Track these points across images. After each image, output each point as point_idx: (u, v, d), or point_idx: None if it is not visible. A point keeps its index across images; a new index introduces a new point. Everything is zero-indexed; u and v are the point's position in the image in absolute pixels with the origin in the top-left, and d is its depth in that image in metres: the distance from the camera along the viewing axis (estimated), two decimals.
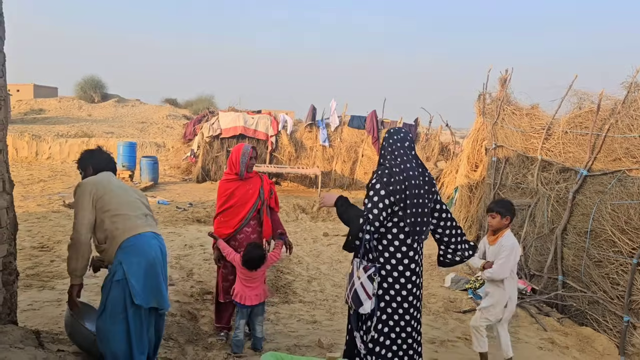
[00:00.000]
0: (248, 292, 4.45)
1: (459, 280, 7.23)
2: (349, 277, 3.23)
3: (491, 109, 8.44)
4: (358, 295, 3.09)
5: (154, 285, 3.33)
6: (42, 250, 6.90)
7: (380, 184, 3.13)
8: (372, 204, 3.10)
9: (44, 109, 33.72)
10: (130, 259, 3.24)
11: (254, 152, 4.71)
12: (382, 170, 3.20)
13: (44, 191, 12.72)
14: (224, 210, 4.68)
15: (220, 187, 4.77)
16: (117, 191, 3.43)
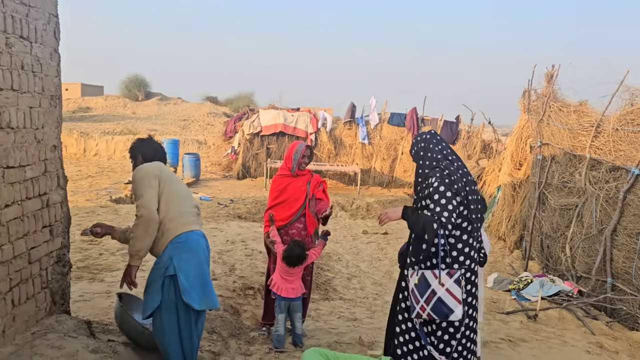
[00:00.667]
0: (285, 285, 4.51)
1: (501, 280, 7.08)
2: (418, 289, 3.04)
3: (537, 106, 8.22)
4: (445, 303, 2.96)
5: (201, 283, 3.39)
6: (91, 244, 7.15)
7: (444, 186, 3.01)
8: (442, 207, 2.98)
9: (91, 107, 34.88)
10: (180, 255, 3.31)
11: (307, 151, 4.78)
12: (440, 172, 3.08)
13: (91, 186, 13.18)
14: (275, 204, 4.75)
15: (273, 182, 4.87)
16: (175, 182, 3.46)
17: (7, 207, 3.07)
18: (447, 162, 3.19)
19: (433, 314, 3.01)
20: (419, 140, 3.35)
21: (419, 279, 3.06)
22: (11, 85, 3.10)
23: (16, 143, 3.17)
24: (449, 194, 3.00)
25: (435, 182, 3.05)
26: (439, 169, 3.13)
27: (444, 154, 3.23)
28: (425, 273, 3.05)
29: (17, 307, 3.21)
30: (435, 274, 3.01)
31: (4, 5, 3.01)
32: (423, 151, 3.26)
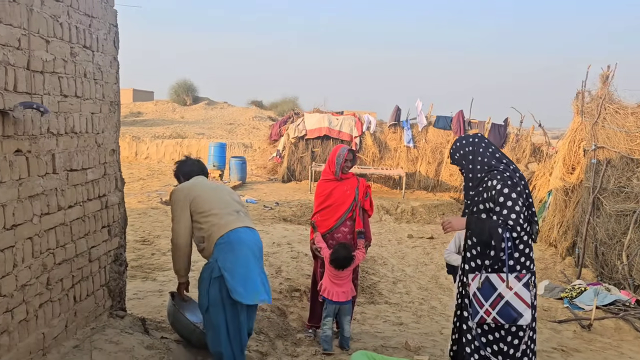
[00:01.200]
0: (335, 289, 4.52)
1: (553, 288, 6.87)
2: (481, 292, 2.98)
3: (591, 108, 7.95)
4: (513, 307, 2.90)
5: (247, 279, 3.44)
6: (143, 244, 7.41)
7: (507, 187, 2.94)
8: (509, 210, 2.91)
9: (142, 112, 36.07)
10: (224, 256, 3.40)
11: (349, 155, 4.78)
12: (500, 175, 3.01)
13: (143, 189, 13.63)
14: (321, 209, 4.79)
15: (318, 187, 4.91)
16: (208, 192, 3.61)
17: (70, 208, 3.24)
18: (502, 165, 3.11)
19: (500, 318, 2.94)
20: (464, 144, 3.23)
21: (482, 282, 2.99)
22: (75, 92, 3.27)
23: (79, 147, 3.34)
24: (514, 196, 2.93)
25: (497, 184, 2.97)
26: (497, 171, 3.05)
27: (496, 157, 3.16)
28: (490, 276, 2.98)
29: (79, 303, 3.38)
30: (502, 277, 2.94)
31: (69, 16, 3.18)
32: (472, 155, 3.16)
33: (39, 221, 2.89)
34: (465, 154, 3.19)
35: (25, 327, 2.79)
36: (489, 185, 3.00)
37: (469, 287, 3.10)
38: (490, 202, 3.00)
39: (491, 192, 2.99)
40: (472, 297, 3.03)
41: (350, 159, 4.77)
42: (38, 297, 2.90)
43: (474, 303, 3.03)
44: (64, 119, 3.15)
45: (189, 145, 22.11)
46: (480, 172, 3.12)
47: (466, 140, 3.25)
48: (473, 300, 3.03)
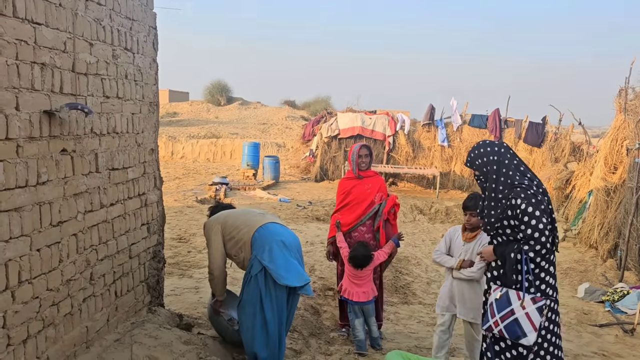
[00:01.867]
0: (355, 289, 4.51)
1: (594, 291, 6.68)
2: (497, 304, 3.03)
3: (634, 105, 7.69)
4: (520, 325, 2.93)
5: (288, 263, 3.54)
6: (180, 242, 7.56)
7: (532, 207, 2.90)
8: (532, 229, 2.89)
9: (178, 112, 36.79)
10: (262, 249, 3.52)
11: (363, 150, 4.76)
12: (524, 192, 2.95)
13: (179, 188, 13.90)
14: (342, 207, 4.81)
15: (339, 185, 4.94)
16: (235, 212, 3.91)
17: (112, 206, 3.34)
18: (526, 179, 3.04)
19: (505, 332, 3.00)
20: (489, 152, 3.09)
21: (501, 295, 3.04)
22: (117, 93, 3.37)
23: (120, 147, 3.44)
24: (538, 214, 2.90)
25: (522, 203, 2.92)
26: (521, 188, 2.98)
27: (521, 170, 3.07)
28: (509, 292, 3.02)
29: (120, 298, 3.48)
30: (520, 295, 2.97)
31: (112, 19, 3.28)
32: (497, 165, 3.05)
33: (83, 218, 2.99)
34: (489, 163, 3.08)
35: (70, 321, 2.89)
36: (514, 204, 2.96)
37: (489, 295, 3.15)
38: (515, 219, 2.98)
39: (516, 211, 2.95)
40: (489, 306, 3.09)
41: (365, 154, 4.75)
42: (82, 291, 3.00)
43: (487, 311, 3.10)
44: (106, 120, 3.25)
45: (223, 144, 22.43)
46: (504, 187, 3.03)
47: (491, 147, 3.12)
48: (488, 309, 3.10)
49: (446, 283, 4.18)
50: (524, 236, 2.93)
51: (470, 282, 3.98)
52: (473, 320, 4.00)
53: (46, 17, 2.59)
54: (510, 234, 3.04)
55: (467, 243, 4.01)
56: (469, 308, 3.99)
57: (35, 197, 2.54)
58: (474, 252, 3.94)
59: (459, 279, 4.00)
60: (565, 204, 11.65)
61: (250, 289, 3.51)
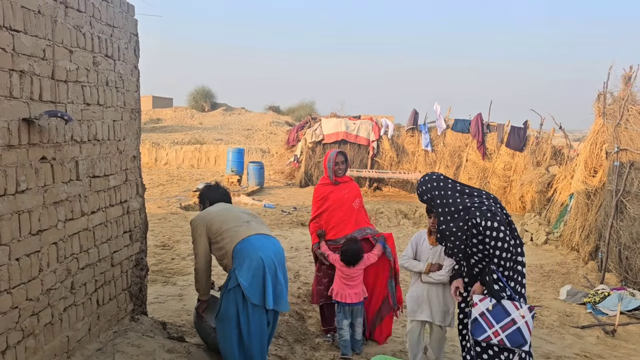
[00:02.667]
0: (348, 291, 4.51)
1: (575, 293, 6.76)
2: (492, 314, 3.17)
3: (613, 110, 7.82)
4: (522, 334, 3.12)
5: (261, 285, 3.46)
6: (163, 249, 7.50)
7: (490, 221, 3.13)
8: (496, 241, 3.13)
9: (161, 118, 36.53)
10: (240, 264, 3.45)
11: (339, 157, 4.78)
12: (479, 211, 3.17)
13: (163, 194, 13.79)
14: (320, 213, 4.80)
15: (315, 191, 4.91)
16: (221, 213, 3.74)
17: (93, 214, 3.31)
18: (476, 198, 3.28)
19: (507, 341, 3.12)
20: (431, 187, 3.39)
21: (493, 305, 3.16)
22: (97, 100, 3.34)
23: (101, 154, 3.41)
24: (496, 225, 3.12)
25: (482, 221, 3.15)
26: (475, 207, 3.20)
27: (466, 192, 3.34)
28: (504, 302, 3.16)
29: (101, 306, 3.44)
30: (517, 305, 3.15)
31: (92, 26, 3.25)
32: (442, 195, 3.33)
33: (64, 226, 2.96)
34: (435, 195, 3.36)
35: (51, 330, 2.85)
36: (475, 223, 3.18)
37: (473, 306, 3.23)
38: (480, 236, 3.20)
39: (478, 229, 3.18)
40: (480, 316, 3.18)
41: (341, 161, 4.77)
42: (63, 300, 2.97)
43: (480, 322, 3.18)
44: (87, 127, 3.22)
45: (208, 150, 22.32)
46: (458, 212, 3.27)
47: (432, 180, 3.41)
48: (480, 319, 3.18)
49: (413, 288, 4.16)
50: (491, 248, 3.14)
51: (439, 286, 4.01)
52: (443, 323, 4.05)
53: (25, 24, 2.57)
54: (482, 250, 3.22)
55: (434, 246, 4.03)
56: (438, 311, 4.02)
57: (14, 206, 2.51)
58: (441, 254, 3.96)
59: (429, 283, 4.01)
60: (547, 207, 11.80)
61: (228, 302, 3.47)
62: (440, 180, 3.39)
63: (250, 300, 3.40)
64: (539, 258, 8.92)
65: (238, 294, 3.43)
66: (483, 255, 3.24)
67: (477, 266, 3.31)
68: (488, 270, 3.19)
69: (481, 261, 3.27)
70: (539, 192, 12.73)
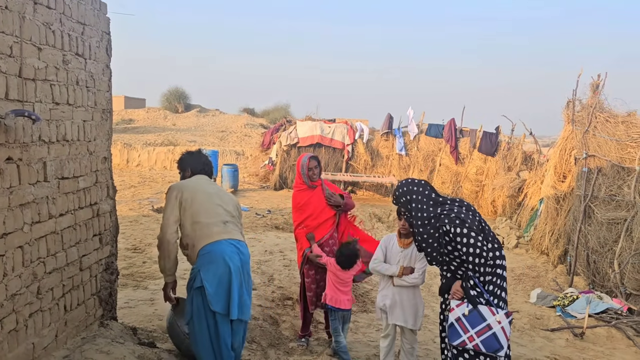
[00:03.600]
0: (341, 296, 4.45)
1: (545, 296, 6.89)
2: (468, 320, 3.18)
3: (581, 117, 8.02)
4: (498, 339, 3.12)
5: (226, 293, 3.40)
6: (135, 252, 7.35)
7: (460, 227, 3.16)
8: (467, 247, 3.16)
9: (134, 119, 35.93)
10: (207, 266, 3.38)
11: (312, 162, 4.76)
12: (448, 218, 3.20)
13: (134, 196, 13.54)
14: (304, 219, 4.78)
15: (293, 199, 4.88)
16: (201, 196, 3.54)
17: (61, 216, 3.20)
18: (447, 206, 3.32)
19: (482, 346, 3.13)
20: (408, 190, 3.42)
21: (469, 310, 3.17)
22: (67, 100, 3.25)
23: (71, 155, 3.31)
24: (466, 231, 3.15)
25: (451, 228, 3.18)
26: (444, 215, 3.24)
27: (440, 200, 3.38)
28: (480, 307, 3.17)
29: (69, 312, 3.33)
30: (493, 310, 3.16)
31: (62, 24, 3.16)
32: (417, 200, 3.36)
33: (30, 230, 2.86)
34: (411, 199, 3.39)
35: (15, 337, 2.75)
36: (445, 230, 3.22)
37: (450, 311, 3.26)
38: (453, 243, 3.23)
39: (449, 236, 3.21)
40: (456, 321, 3.21)
41: (314, 166, 4.75)
42: (28, 306, 2.86)
43: (456, 327, 3.21)
44: (56, 127, 3.12)
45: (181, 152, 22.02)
46: (429, 220, 3.30)
47: (411, 185, 3.45)
48: (456, 324, 3.21)
49: (384, 292, 4.12)
50: (464, 255, 3.17)
51: (410, 289, 4.00)
52: (415, 327, 4.05)
53: None
54: (458, 257, 3.24)
55: (405, 249, 4.00)
56: (409, 315, 4.01)
57: None
58: (412, 257, 3.95)
59: (400, 287, 3.98)
60: (517, 212, 12.01)
61: (196, 299, 3.40)
62: (420, 186, 3.42)
63: (212, 308, 3.34)
64: (510, 262, 9.07)
65: (204, 295, 3.37)
66: (461, 261, 3.26)
67: (458, 271, 3.32)
68: (466, 276, 3.22)
69: (461, 266, 3.29)
70: (510, 197, 12.96)
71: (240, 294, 3.45)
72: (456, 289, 3.30)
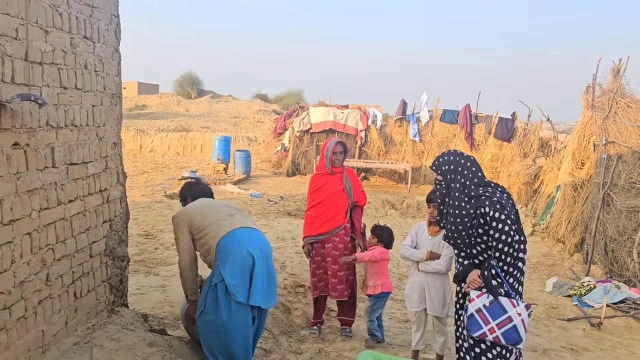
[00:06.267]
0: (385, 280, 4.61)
1: (561, 285, 6.77)
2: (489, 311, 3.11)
3: (602, 102, 7.80)
4: (518, 331, 3.07)
5: (247, 281, 3.36)
6: (147, 238, 7.36)
7: (499, 212, 3.06)
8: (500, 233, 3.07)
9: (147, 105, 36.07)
10: (225, 259, 3.34)
11: (339, 147, 4.67)
12: (489, 200, 3.10)
13: (147, 182, 13.59)
14: (314, 204, 4.72)
15: (311, 181, 4.84)
16: (203, 208, 3.59)
17: (70, 203, 3.16)
18: (490, 188, 3.22)
19: (502, 338, 3.07)
20: (454, 160, 3.28)
21: (490, 302, 3.11)
22: (75, 84, 3.19)
23: (79, 140, 3.26)
24: (503, 217, 3.06)
25: (490, 211, 3.09)
26: (485, 196, 3.15)
27: (485, 181, 3.26)
28: (501, 299, 3.10)
29: (79, 299, 3.31)
30: (514, 302, 3.09)
31: (69, 6, 3.09)
32: (460, 174, 3.23)
33: (38, 216, 2.82)
34: (454, 170, 3.26)
35: (24, 325, 2.72)
36: (483, 212, 3.12)
37: (470, 302, 3.18)
38: (485, 226, 3.14)
39: (486, 219, 3.12)
40: (476, 312, 3.13)
41: (339, 152, 4.66)
42: (37, 293, 2.83)
43: (476, 318, 3.13)
44: (64, 112, 3.07)
45: (194, 138, 22.06)
46: (470, 197, 3.20)
47: (459, 156, 3.31)
48: (476, 315, 3.13)
49: (412, 279, 4.18)
50: (494, 240, 3.08)
51: (437, 276, 4.01)
52: (442, 315, 4.03)
53: None
54: (486, 242, 3.15)
55: (433, 237, 4.05)
56: (437, 303, 4.03)
57: None
58: (440, 245, 3.98)
59: (425, 272, 4.02)
60: (533, 199, 11.83)
61: (210, 297, 3.35)
62: (468, 160, 3.29)
63: (235, 297, 3.29)
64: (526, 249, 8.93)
65: (221, 290, 3.32)
66: (486, 247, 3.17)
67: (479, 257, 3.24)
68: (488, 265, 3.12)
69: (484, 252, 3.20)
70: (526, 184, 12.76)
71: (262, 280, 3.40)
72: (473, 277, 3.21)
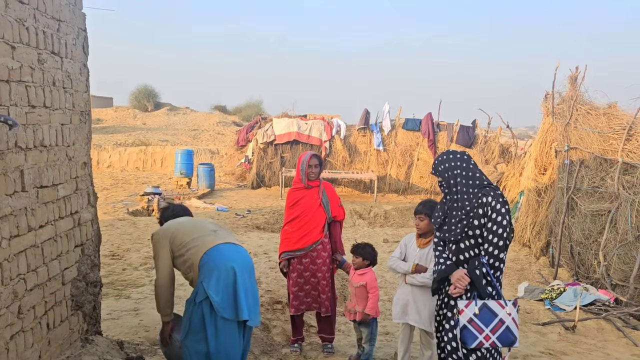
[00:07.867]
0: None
1: (533, 289, 6.89)
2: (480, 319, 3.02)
3: (562, 109, 8.05)
4: (511, 331, 3.02)
5: (233, 296, 3.24)
6: (113, 259, 7.06)
7: (500, 204, 3.02)
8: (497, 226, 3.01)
9: (101, 119, 34.99)
10: (209, 275, 3.21)
11: (314, 160, 4.60)
12: (494, 192, 3.07)
13: (107, 199, 13.12)
14: (291, 219, 4.63)
15: (288, 196, 4.76)
16: (185, 224, 3.48)
17: (41, 228, 2.98)
18: (493, 184, 3.22)
19: (498, 342, 3.01)
20: (450, 159, 3.25)
21: (479, 308, 3.01)
22: (44, 102, 3.01)
23: (49, 161, 3.08)
24: (504, 211, 3.03)
25: (492, 201, 3.05)
26: (490, 188, 3.13)
27: (484, 176, 3.24)
28: (488, 303, 3.03)
29: (52, 330, 3.11)
30: (502, 304, 3.03)
31: (36, 20, 2.92)
32: (458, 171, 3.18)
33: (8, 245, 2.63)
34: (452, 168, 3.21)
35: None
36: (485, 202, 3.07)
37: (460, 313, 3.07)
38: (484, 217, 3.07)
39: (486, 208, 3.06)
40: (468, 323, 3.02)
41: (315, 164, 4.59)
42: (9, 328, 2.63)
43: (470, 329, 3.03)
44: (33, 132, 2.89)
45: (154, 152, 21.54)
46: (473, 188, 3.15)
47: (454, 155, 3.27)
48: (469, 326, 3.03)
49: (399, 291, 4.12)
50: (490, 233, 3.01)
51: (424, 289, 3.90)
52: (429, 329, 3.95)
53: None
54: (479, 236, 3.07)
55: (421, 249, 3.98)
56: (425, 316, 3.94)
57: None
58: (428, 257, 3.90)
59: (412, 285, 3.95)
60: None
61: (195, 316, 3.21)
62: (464, 155, 3.27)
63: (221, 315, 3.16)
64: None
65: (206, 308, 3.19)
66: (475, 242, 3.10)
67: (465, 253, 3.13)
68: (478, 264, 3.05)
69: (472, 248, 3.11)
70: None
71: (247, 296, 3.28)
72: (460, 275, 3.10)
